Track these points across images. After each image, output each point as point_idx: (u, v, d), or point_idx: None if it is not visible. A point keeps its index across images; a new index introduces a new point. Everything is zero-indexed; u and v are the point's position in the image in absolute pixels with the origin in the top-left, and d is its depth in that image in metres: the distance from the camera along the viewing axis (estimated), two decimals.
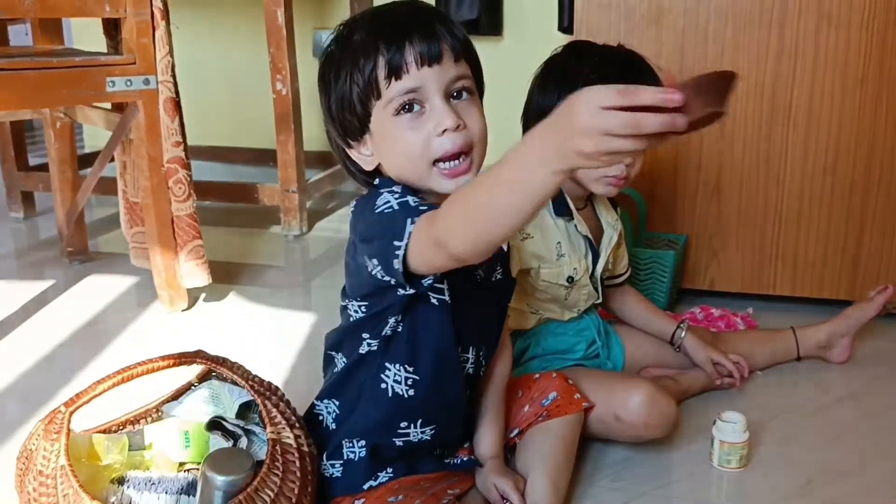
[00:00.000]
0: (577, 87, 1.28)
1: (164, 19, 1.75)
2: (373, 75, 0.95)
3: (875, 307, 1.62)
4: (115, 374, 1.06)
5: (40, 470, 0.93)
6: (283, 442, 0.99)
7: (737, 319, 1.77)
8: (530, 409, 1.23)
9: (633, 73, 1.30)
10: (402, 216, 0.91)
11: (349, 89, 0.97)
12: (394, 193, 0.95)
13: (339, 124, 1.01)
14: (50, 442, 0.95)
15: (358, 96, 0.97)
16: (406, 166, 0.98)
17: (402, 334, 1.03)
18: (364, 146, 1.01)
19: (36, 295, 2.03)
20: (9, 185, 2.64)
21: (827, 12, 1.68)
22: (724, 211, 1.84)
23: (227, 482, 0.91)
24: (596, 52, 1.36)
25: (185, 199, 1.84)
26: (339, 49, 0.99)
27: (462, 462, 1.17)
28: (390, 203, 0.94)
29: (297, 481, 0.97)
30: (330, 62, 1.00)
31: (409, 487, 1.07)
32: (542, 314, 1.40)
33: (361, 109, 0.97)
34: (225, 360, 1.13)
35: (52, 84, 1.65)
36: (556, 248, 1.36)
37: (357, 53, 0.96)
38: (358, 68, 0.96)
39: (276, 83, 2.37)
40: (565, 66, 1.35)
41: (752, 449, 1.30)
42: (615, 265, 1.50)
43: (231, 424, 1.05)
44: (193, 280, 1.89)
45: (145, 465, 1.05)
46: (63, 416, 0.98)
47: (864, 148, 1.74)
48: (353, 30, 0.99)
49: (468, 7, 2.66)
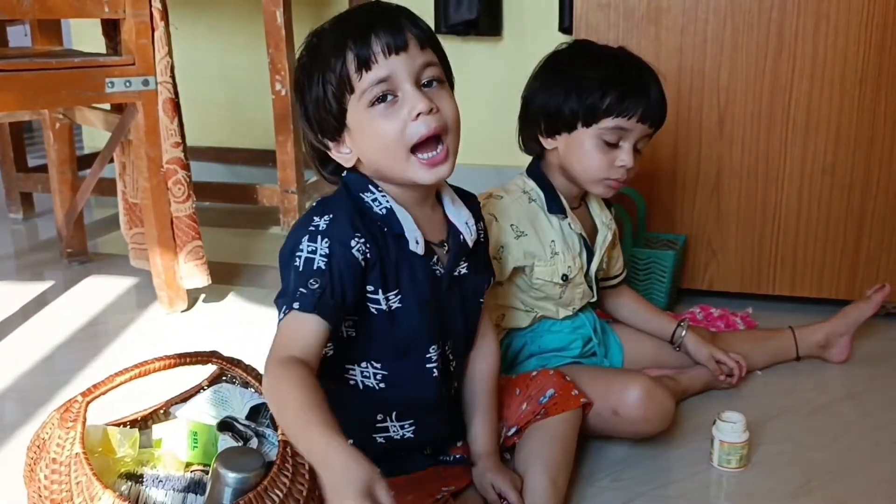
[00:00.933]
0: (580, 89, 1.26)
1: (164, 20, 1.76)
2: (344, 70, 0.98)
3: (873, 306, 1.62)
4: (132, 368, 1.06)
5: (53, 458, 0.93)
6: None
7: (736, 319, 1.77)
8: (528, 407, 1.23)
9: (633, 77, 1.31)
10: (291, 288, 0.96)
11: (323, 90, 1.00)
12: (317, 233, 0.98)
13: (318, 126, 1.03)
14: (65, 430, 0.95)
15: (332, 94, 0.99)
16: (384, 156, 1.00)
17: (358, 337, 1.04)
18: (342, 145, 1.03)
19: (35, 296, 2.03)
20: (8, 186, 2.64)
21: (826, 12, 1.68)
22: (723, 211, 1.84)
23: (238, 479, 0.91)
24: (598, 54, 1.36)
25: (184, 200, 1.84)
26: (309, 56, 1.03)
27: (456, 459, 1.17)
28: (301, 254, 0.97)
29: (305, 483, 0.97)
30: (302, 69, 1.03)
31: (400, 485, 1.07)
32: (537, 312, 1.41)
33: (337, 106, 0.99)
34: (240, 361, 1.13)
35: (51, 85, 1.65)
36: (551, 246, 1.36)
37: (327, 55, 0.99)
38: (329, 68, 0.99)
39: (275, 84, 2.37)
40: (568, 66, 1.35)
41: (752, 449, 1.30)
42: (610, 266, 1.50)
43: (242, 426, 1.05)
44: (193, 281, 1.89)
45: (153, 463, 1.05)
46: (80, 406, 0.98)
47: (863, 148, 1.74)
48: (320, 36, 1.02)
49: (467, 7, 2.65)
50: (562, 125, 1.33)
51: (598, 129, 1.31)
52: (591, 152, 1.32)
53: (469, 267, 1.12)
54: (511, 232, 1.34)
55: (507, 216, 1.35)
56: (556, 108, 1.33)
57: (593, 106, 1.29)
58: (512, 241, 1.34)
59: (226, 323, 1.87)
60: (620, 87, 1.29)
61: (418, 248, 1.04)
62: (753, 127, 1.77)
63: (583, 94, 1.30)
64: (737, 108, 1.77)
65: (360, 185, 1.04)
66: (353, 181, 1.05)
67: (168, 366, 1.09)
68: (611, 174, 1.33)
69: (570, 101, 1.31)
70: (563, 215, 1.38)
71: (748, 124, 1.77)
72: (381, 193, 1.03)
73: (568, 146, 1.34)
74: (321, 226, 0.99)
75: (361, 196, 1.03)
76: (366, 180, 1.04)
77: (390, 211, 1.03)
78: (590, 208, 1.46)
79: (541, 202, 1.38)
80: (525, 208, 1.37)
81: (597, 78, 1.30)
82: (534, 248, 1.35)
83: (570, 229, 1.38)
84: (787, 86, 1.73)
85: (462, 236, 1.09)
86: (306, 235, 0.98)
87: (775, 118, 1.76)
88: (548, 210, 1.37)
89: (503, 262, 1.34)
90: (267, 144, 2.76)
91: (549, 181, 1.39)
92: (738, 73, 1.75)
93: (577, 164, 1.34)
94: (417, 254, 1.04)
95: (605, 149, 1.32)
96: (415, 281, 1.04)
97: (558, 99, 1.32)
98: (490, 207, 1.36)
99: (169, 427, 1.08)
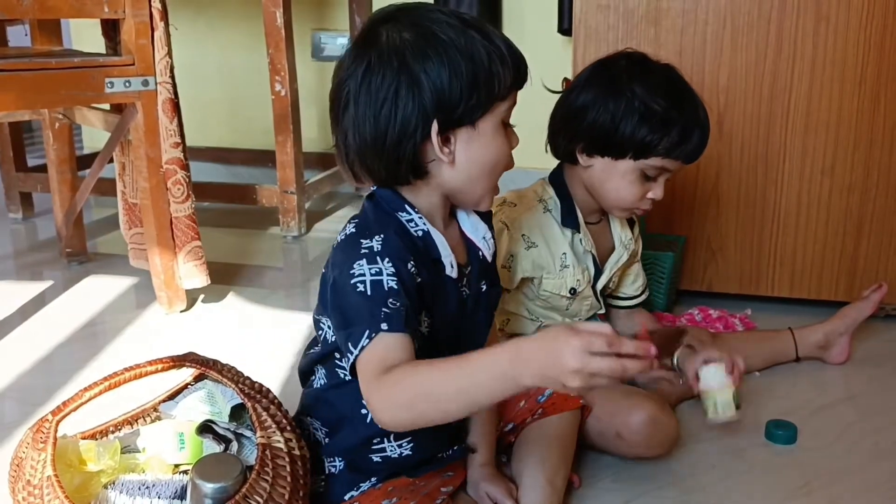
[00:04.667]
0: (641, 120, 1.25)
1: (163, 20, 1.75)
2: (503, 77, 0.94)
3: (871, 305, 1.62)
4: (101, 381, 1.04)
5: (28, 479, 0.93)
6: (273, 446, 0.98)
7: (735, 321, 1.77)
8: (525, 405, 1.22)
9: (692, 117, 1.29)
10: (367, 313, 0.89)
11: (479, 71, 0.92)
12: (375, 255, 0.92)
13: (439, 104, 0.92)
14: (37, 452, 0.94)
15: (489, 86, 0.93)
16: (484, 173, 0.98)
17: None
18: (449, 143, 0.95)
19: (34, 296, 2.03)
20: (7, 186, 2.64)
21: (825, 14, 1.68)
22: (722, 212, 1.84)
23: (216, 489, 0.90)
24: (659, 80, 1.31)
25: (183, 200, 1.84)
26: (465, 26, 0.93)
27: (453, 452, 1.15)
28: (364, 278, 0.91)
29: (287, 486, 0.96)
30: (454, 31, 0.93)
31: (402, 489, 1.06)
32: (542, 322, 1.40)
33: (484, 97, 0.93)
34: (216, 362, 1.11)
35: (51, 85, 1.64)
36: (561, 259, 1.34)
37: (495, 47, 0.94)
38: (494, 62, 0.93)
39: (274, 84, 2.37)
40: (625, 85, 1.29)
41: (760, 450, 1.30)
42: (623, 284, 1.47)
43: (221, 428, 1.04)
44: (192, 281, 1.88)
45: (140, 468, 1.04)
46: (50, 425, 0.97)
47: (862, 149, 1.74)
48: (471, 24, 0.94)
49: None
50: (610, 150, 1.29)
51: (644, 164, 1.28)
52: (629, 184, 1.30)
53: (487, 282, 1.09)
54: (522, 242, 1.32)
55: (519, 226, 1.33)
56: (608, 132, 1.28)
57: (650, 143, 1.26)
58: (522, 251, 1.32)
59: (225, 323, 1.87)
60: (681, 129, 1.26)
61: (453, 273, 1.01)
62: (753, 128, 1.77)
63: (642, 126, 1.25)
64: (736, 110, 1.77)
65: (395, 204, 0.99)
66: (387, 199, 0.99)
67: (140, 375, 1.07)
68: (640, 205, 1.32)
69: (626, 130, 1.26)
70: (577, 230, 1.35)
71: (747, 125, 1.78)
72: (418, 215, 0.99)
73: (606, 170, 1.31)
74: (375, 247, 0.93)
75: (398, 216, 0.98)
76: (401, 199, 0.98)
77: (427, 234, 0.99)
78: (611, 225, 1.43)
79: (556, 213, 1.35)
80: (538, 218, 1.34)
81: (658, 113, 1.25)
82: (544, 260, 1.33)
83: (580, 245, 1.36)
84: (786, 87, 1.73)
85: (482, 252, 1.07)
86: (361, 259, 0.92)
87: (775, 119, 1.76)
88: (562, 223, 1.34)
89: (512, 272, 1.33)
90: (266, 145, 2.76)
91: (570, 193, 1.35)
92: (737, 74, 1.75)
93: (611, 191, 1.32)
94: (451, 277, 1.01)
95: (643, 181, 1.30)
96: (447, 305, 1.01)
97: (613, 122, 1.27)
98: (502, 215, 1.34)
99: (154, 430, 1.07)
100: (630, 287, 1.48)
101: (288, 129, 2.40)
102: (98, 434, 1.11)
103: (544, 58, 1.41)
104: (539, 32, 2.70)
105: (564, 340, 0.76)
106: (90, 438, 1.08)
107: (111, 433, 1.13)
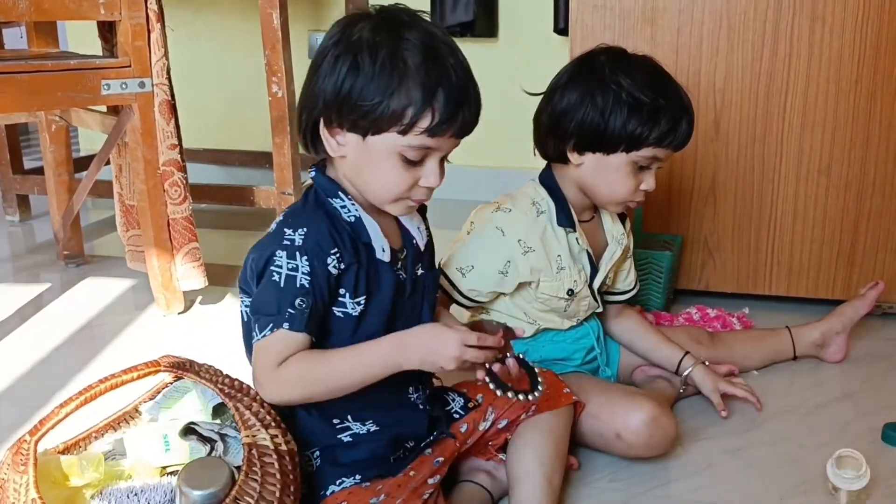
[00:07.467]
0: (629, 112, 1.26)
1: (160, 22, 1.75)
2: (412, 113, 0.95)
3: (868, 303, 1.62)
4: (77, 396, 1.01)
5: (12, 503, 0.91)
6: (259, 444, 0.96)
7: (732, 320, 1.77)
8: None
9: (678, 105, 1.29)
10: (275, 306, 0.98)
11: (377, 86, 0.95)
12: (295, 249, 0.99)
13: (340, 103, 0.97)
14: (18, 475, 0.92)
15: (383, 108, 0.95)
16: (376, 189, 1.03)
17: (316, 339, 1.02)
18: (341, 135, 1.01)
19: (32, 298, 2.02)
20: (4, 189, 2.64)
21: (821, 14, 1.69)
22: (719, 211, 1.85)
23: (204, 496, 0.88)
24: (642, 71, 1.29)
25: (181, 202, 1.84)
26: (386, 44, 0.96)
27: (435, 436, 1.14)
28: (281, 270, 0.99)
29: (277, 483, 0.94)
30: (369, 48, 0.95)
31: (391, 485, 1.06)
32: (541, 325, 1.39)
33: (376, 118, 0.96)
34: (192, 363, 1.08)
35: (47, 87, 1.64)
36: (557, 261, 1.34)
37: (410, 78, 0.95)
38: (405, 93, 0.95)
39: (271, 86, 2.36)
40: (609, 80, 1.27)
41: (758, 448, 1.30)
42: (616, 279, 1.47)
43: (205, 430, 1.02)
44: (190, 283, 1.88)
45: (126, 475, 1.01)
46: (29, 446, 0.94)
47: (859, 148, 1.74)
48: (404, 40, 0.96)
49: (463, 9, 2.66)
50: (601, 146, 1.28)
51: (636, 156, 1.28)
52: (622, 177, 1.29)
53: (423, 266, 1.13)
54: (518, 247, 1.32)
55: (514, 231, 1.32)
56: (598, 128, 1.27)
57: (641, 135, 1.26)
58: (519, 256, 1.32)
59: (222, 325, 1.87)
60: (670, 117, 1.26)
61: (384, 256, 1.06)
62: (749, 127, 1.78)
63: (631, 119, 1.25)
64: (733, 109, 1.77)
65: (329, 191, 1.05)
66: (323, 187, 1.05)
67: (115, 385, 1.05)
68: (634, 197, 1.32)
69: (616, 124, 1.26)
70: (572, 229, 1.35)
71: (744, 125, 1.78)
72: (351, 201, 1.04)
73: (598, 166, 1.30)
74: (297, 241, 0.99)
75: (330, 201, 1.04)
76: (336, 187, 1.05)
77: (358, 219, 1.04)
78: (602, 221, 1.43)
79: (550, 214, 1.34)
80: (533, 222, 1.33)
81: (646, 103, 1.25)
82: (540, 264, 1.33)
83: (577, 244, 1.36)
84: (782, 87, 1.74)
85: (415, 241, 1.12)
86: (282, 250, 0.99)
87: (771, 119, 1.76)
88: (556, 223, 1.34)
89: (509, 278, 1.33)
90: (263, 146, 2.76)
91: (562, 192, 1.35)
92: (733, 74, 1.76)
93: (605, 186, 1.31)
94: (384, 261, 1.06)
95: (636, 173, 1.30)
96: (381, 287, 1.05)
97: (602, 118, 1.26)
98: (497, 221, 1.34)
99: (138, 433, 1.05)
100: (623, 282, 1.48)
101: (285, 130, 2.39)
102: (81, 442, 1.08)
103: (540, 58, 1.41)
104: (535, 32, 2.70)
105: (449, 336, 0.98)
106: (72, 448, 1.06)
107: (94, 439, 1.09)
